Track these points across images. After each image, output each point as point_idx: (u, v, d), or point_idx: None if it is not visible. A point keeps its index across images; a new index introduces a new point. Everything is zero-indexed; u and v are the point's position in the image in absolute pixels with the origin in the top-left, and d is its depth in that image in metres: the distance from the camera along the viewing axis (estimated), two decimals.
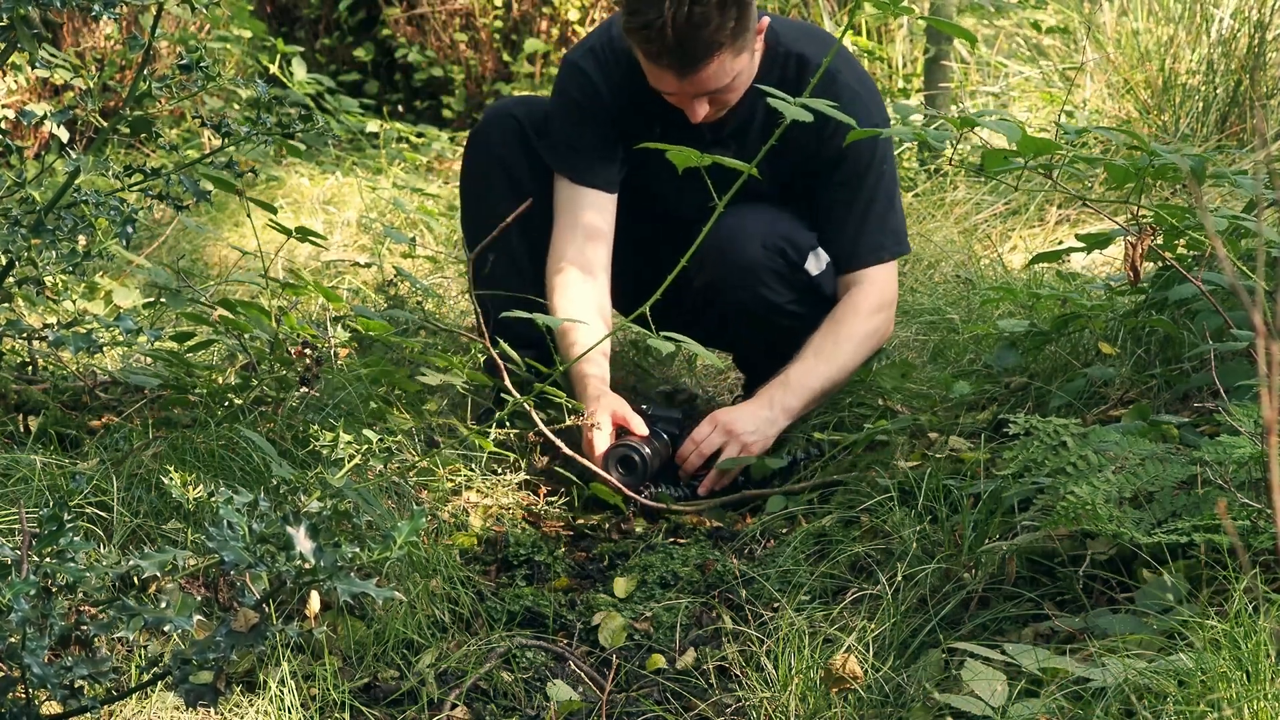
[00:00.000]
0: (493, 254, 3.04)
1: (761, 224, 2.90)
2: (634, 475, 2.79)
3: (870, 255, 2.95)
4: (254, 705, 2.06)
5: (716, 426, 2.84)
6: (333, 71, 6.90)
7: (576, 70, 2.98)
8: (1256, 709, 1.65)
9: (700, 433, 2.85)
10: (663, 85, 2.79)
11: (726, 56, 2.72)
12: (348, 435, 2.37)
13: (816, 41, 2.95)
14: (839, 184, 2.93)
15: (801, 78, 2.87)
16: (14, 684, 1.65)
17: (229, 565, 1.59)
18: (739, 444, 2.83)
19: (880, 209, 2.94)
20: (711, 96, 2.79)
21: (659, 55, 2.70)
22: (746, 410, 2.86)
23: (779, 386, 2.88)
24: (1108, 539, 2.11)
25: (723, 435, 2.84)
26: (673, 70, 2.72)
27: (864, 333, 2.93)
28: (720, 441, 2.84)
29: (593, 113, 2.96)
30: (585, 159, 2.96)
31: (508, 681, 2.24)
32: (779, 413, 2.86)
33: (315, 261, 4.55)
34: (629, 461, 2.79)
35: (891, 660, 2.09)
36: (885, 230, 2.96)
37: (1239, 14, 4.77)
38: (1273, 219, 3.34)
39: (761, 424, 2.84)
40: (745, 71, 2.81)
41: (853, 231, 2.94)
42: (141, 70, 2.32)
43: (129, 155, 5.31)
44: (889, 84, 5.77)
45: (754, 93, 2.89)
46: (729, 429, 2.83)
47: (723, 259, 2.88)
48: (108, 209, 2.30)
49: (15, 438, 2.67)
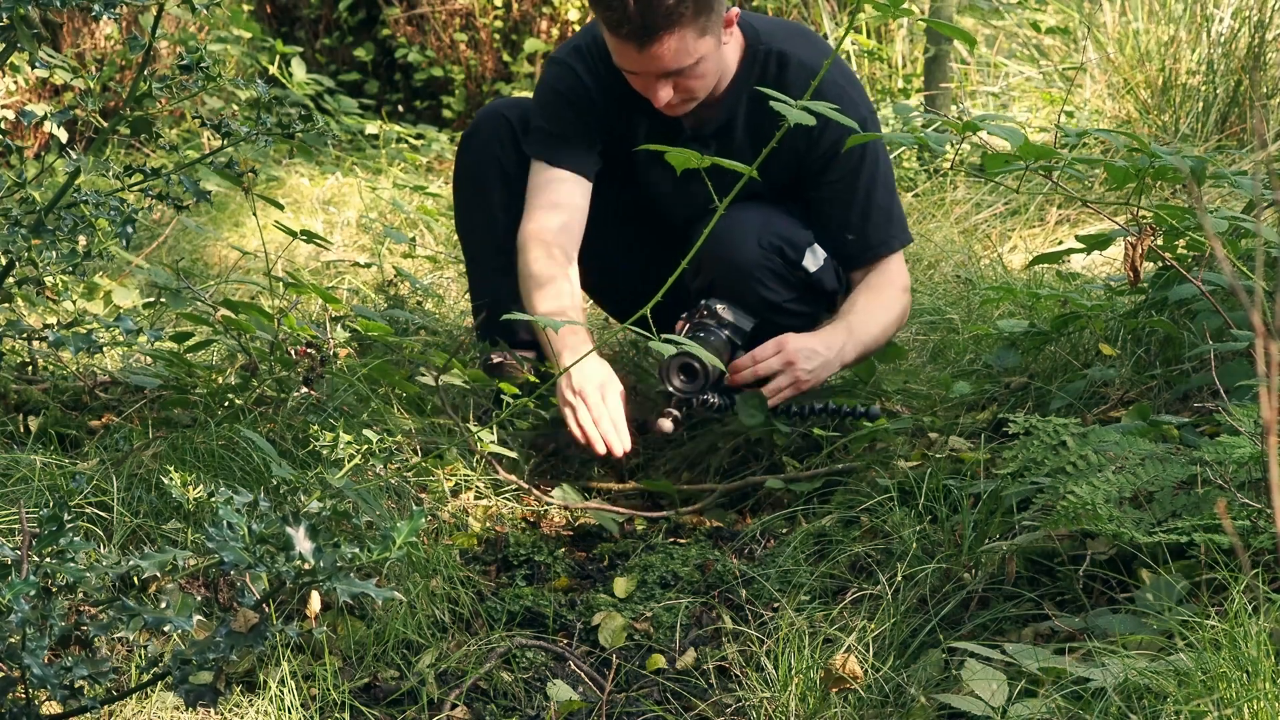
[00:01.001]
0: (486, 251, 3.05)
1: (756, 223, 2.89)
2: (694, 384, 2.78)
3: (881, 247, 2.95)
4: (254, 705, 2.06)
5: (781, 351, 2.81)
6: (333, 71, 6.90)
7: (563, 66, 2.98)
8: (1256, 709, 1.65)
9: (762, 352, 2.82)
10: (624, 61, 2.77)
11: (688, 34, 2.70)
12: (348, 435, 2.37)
13: (796, 37, 2.94)
14: (836, 180, 2.92)
15: (782, 75, 2.86)
16: (14, 684, 1.65)
17: (229, 565, 1.59)
18: (793, 376, 2.80)
19: (881, 200, 2.94)
20: (675, 81, 2.77)
21: (619, 25, 2.70)
22: (813, 344, 2.82)
23: (844, 331, 2.86)
24: (1108, 539, 2.11)
25: (782, 362, 2.81)
26: (633, 41, 2.71)
27: (900, 306, 2.94)
28: (778, 368, 2.81)
29: (576, 105, 2.95)
30: (563, 144, 2.95)
31: (508, 681, 2.24)
32: (836, 358, 2.84)
33: (315, 261, 4.55)
34: (690, 369, 2.78)
35: (891, 660, 2.09)
36: (891, 220, 2.95)
37: (1239, 14, 4.77)
38: (1273, 219, 3.34)
39: (819, 366, 2.82)
40: (713, 60, 2.78)
41: (858, 226, 2.93)
42: (141, 70, 2.32)
43: (129, 155, 5.31)
44: (889, 84, 5.77)
45: (735, 92, 2.88)
46: (790, 359, 2.80)
47: (720, 260, 2.87)
48: (108, 209, 2.30)
49: (15, 438, 2.67)
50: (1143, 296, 2.83)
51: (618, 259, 3.09)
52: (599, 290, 3.26)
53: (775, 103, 2.30)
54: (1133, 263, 2.55)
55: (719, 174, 2.47)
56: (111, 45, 5.72)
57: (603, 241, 3.01)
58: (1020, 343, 2.95)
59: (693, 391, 2.78)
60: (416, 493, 2.64)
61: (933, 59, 5.39)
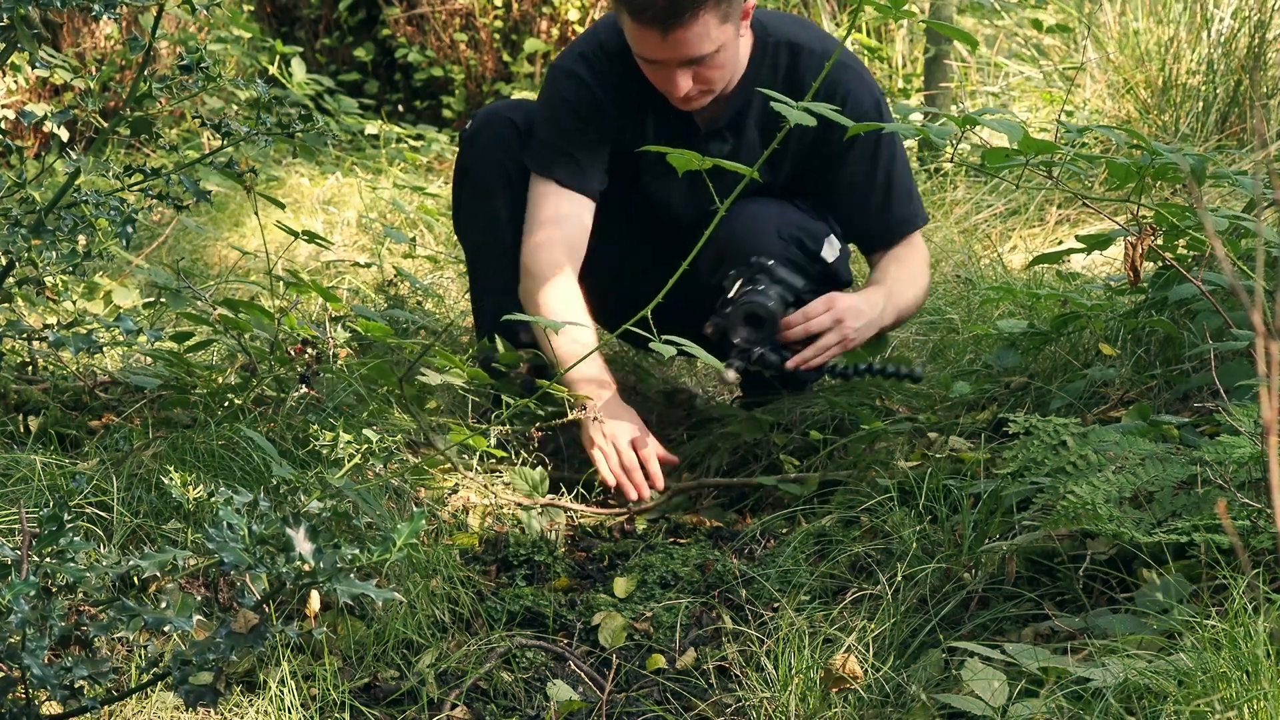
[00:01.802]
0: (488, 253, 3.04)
1: (774, 215, 2.91)
2: (761, 332, 2.79)
3: (904, 226, 2.99)
4: (254, 705, 2.06)
5: (831, 309, 2.83)
6: (333, 71, 6.91)
7: (569, 74, 2.96)
8: (1256, 709, 1.65)
9: (814, 309, 2.83)
10: (645, 50, 2.76)
11: (711, 19, 2.70)
12: (348, 435, 2.37)
13: (804, 27, 2.97)
14: (855, 162, 2.93)
15: (795, 64, 2.88)
16: (14, 684, 1.65)
17: (229, 566, 1.59)
18: (841, 333, 2.83)
19: (901, 178, 2.98)
20: (695, 70, 2.77)
21: (643, 9, 2.69)
22: (859, 303, 2.86)
23: (885, 294, 2.90)
24: (1108, 539, 2.11)
25: (832, 320, 2.83)
26: (657, 27, 2.70)
27: (926, 278, 2.99)
28: (828, 325, 2.83)
29: (586, 115, 2.94)
30: (574, 164, 2.94)
31: (508, 681, 2.24)
32: (879, 318, 2.88)
33: (315, 261, 4.55)
34: (756, 319, 2.79)
35: (891, 660, 2.09)
36: (912, 199, 3.00)
37: (1239, 14, 4.77)
38: (1273, 219, 3.34)
39: (865, 325, 2.85)
40: (730, 51, 2.78)
41: (879, 207, 2.96)
42: (141, 70, 2.32)
43: (129, 155, 5.31)
44: (889, 84, 5.77)
45: (747, 85, 2.89)
46: (839, 317, 2.83)
47: (741, 253, 2.88)
48: (108, 209, 2.30)
49: (15, 438, 2.67)
50: (1143, 296, 2.83)
51: (622, 261, 3.08)
52: (599, 292, 3.26)
53: (776, 104, 2.30)
54: (1133, 262, 2.55)
55: (726, 169, 2.48)
56: (111, 45, 5.72)
57: (606, 244, 3.01)
58: (1020, 343, 2.95)
59: (758, 341, 2.79)
60: (415, 493, 2.64)
61: (933, 59, 5.39)
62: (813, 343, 2.83)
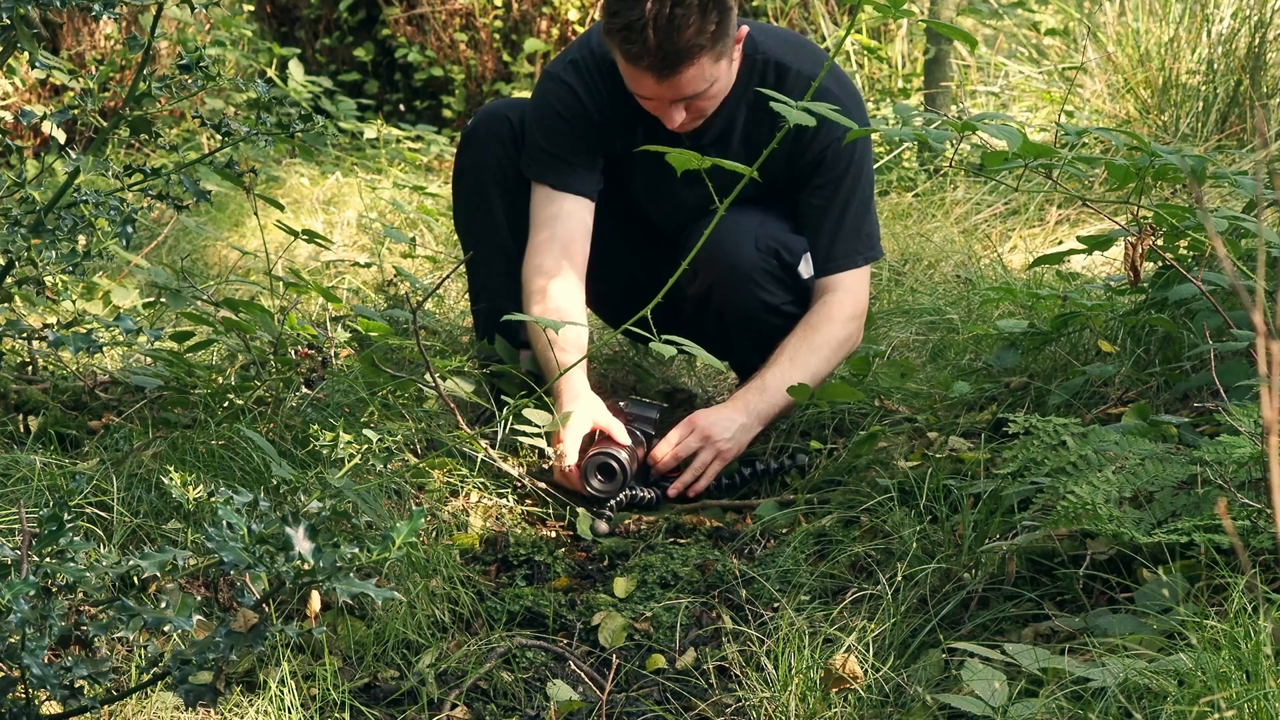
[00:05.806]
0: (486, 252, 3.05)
1: (752, 226, 2.90)
2: (613, 483, 2.77)
3: (846, 260, 2.94)
4: (254, 705, 2.06)
5: (694, 430, 2.83)
6: (333, 71, 6.91)
7: (558, 82, 2.96)
8: (1256, 709, 1.65)
9: (675, 435, 2.84)
10: (640, 89, 2.77)
11: (706, 61, 2.71)
12: (348, 435, 2.37)
13: (796, 49, 2.94)
14: (817, 186, 2.92)
15: (780, 86, 2.86)
16: (14, 684, 1.65)
17: (229, 565, 1.59)
18: (714, 450, 2.82)
19: (856, 213, 2.94)
20: (689, 103, 2.78)
21: (639, 56, 2.69)
22: (724, 415, 2.84)
23: (755, 392, 2.87)
24: (1108, 539, 2.11)
25: (699, 440, 2.83)
26: (652, 72, 2.71)
27: (838, 340, 2.92)
28: (696, 446, 2.83)
29: (575, 124, 2.94)
30: (566, 167, 2.95)
31: (508, 681, 2.24)
32: (754, 419, 2.86)
33: (315, 261, 4.55)
34: (608, 469, 2.76)
35: (891, 660, 2.09)
36: (860, 235, 2.95)
37: (1239, 14, 4.77)
38: (1273, 219, 3.34)
39: (738, 430, 2.84)
40: (723, 79, 2.79)
41: (829, 236, 2.93)
42: (141, 70, 2.32)
43: (129, 155, 5.31)
44: (889, 84, 5.77)
45: (733, 101, 2.88)
46: (706, 434, 2.82)
47: (717, 264, 2.88)
48: (107, 209, 2.30)
49: (15, 438, 2.67)
50: (1143, 296, 2.83)
51: (610, 266, 3.09)
52: (593, 292, 3.26)
53: (775, 103, 2.30)
54: (1133, 262, 2.55)
55: (714, 178, 2.47)
56: (111, 45, 5.72)
57: (596, 249, 3.01)
58: (1020, 342, 2.95)
59: (612, 491, 2.77)
60: (415, 494, 2.64)
61: (933, 59, 5.39)
62: (689, 466, 2.83)
